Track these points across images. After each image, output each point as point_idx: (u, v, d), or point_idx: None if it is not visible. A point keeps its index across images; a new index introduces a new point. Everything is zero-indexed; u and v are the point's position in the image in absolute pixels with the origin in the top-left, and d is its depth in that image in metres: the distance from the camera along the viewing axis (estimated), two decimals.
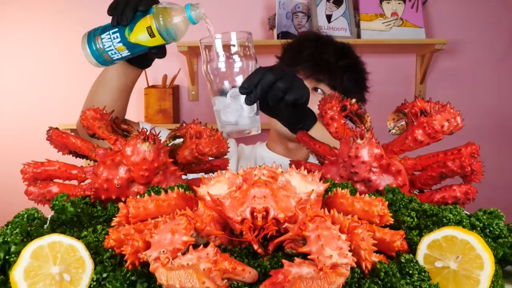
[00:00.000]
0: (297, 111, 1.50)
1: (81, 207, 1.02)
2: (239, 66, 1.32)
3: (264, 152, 2.22)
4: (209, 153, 1.13)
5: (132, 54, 1.44)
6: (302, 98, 1.37)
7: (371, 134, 1.07)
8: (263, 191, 0.82)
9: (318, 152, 1.25)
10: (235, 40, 1.32)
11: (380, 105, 2.66)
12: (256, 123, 1.37)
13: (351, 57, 2.20)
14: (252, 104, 1.32)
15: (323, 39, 2.23)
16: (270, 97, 1.34)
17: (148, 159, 1.07)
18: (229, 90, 1.33)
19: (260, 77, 1.31)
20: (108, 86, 1.75)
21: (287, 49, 2.27)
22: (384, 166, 1.07)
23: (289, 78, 1.36)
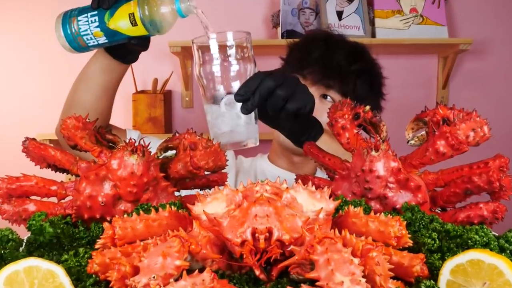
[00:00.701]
0: (300, 122, 1.50)
1: (61, 227, 1.02)
2: (235, 70, 1.32)
3: (266, 165, 2.22)
4: (205, 167, 1.13)
5: (110, 43, 1.43)
6: (305, 107, 1.38)
7: (387, 145, 1.07)
8: (265, 209, 0.83)
9: (327, 165, 1.25)
10: (231, 40, 1.32)
11: (398, 113, 2.66)
12: (254, 134, 1.37)
13: (366, 59, 2.19)
14: (249, 113, 1.32)
15: (334, 38, 2.22)
16: (270, 106, 1.34)
17: (137, 174, 1.07)
18: (224, 96, 1.33)
19: (258, 83, 1.31)
20: (90, 83, 1.76)
21: (293, 49, 2.26)
22: (402, 182, 1.07)
23: (291, 85, 1.36)
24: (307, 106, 1.38)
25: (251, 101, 1.31)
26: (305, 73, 2.09)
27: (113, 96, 1.83)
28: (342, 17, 3.64)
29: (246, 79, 1.33)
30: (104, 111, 1.82)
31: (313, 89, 2.07)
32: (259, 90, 1.31)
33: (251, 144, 1.37)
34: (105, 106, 1.81)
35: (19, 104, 3.79)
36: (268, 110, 1.36)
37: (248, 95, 1.31)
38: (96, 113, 1.79)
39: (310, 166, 2.10)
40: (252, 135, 1.37)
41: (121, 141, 1.28)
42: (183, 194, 1.22)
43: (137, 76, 3.59)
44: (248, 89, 1.31)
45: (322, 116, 1.83)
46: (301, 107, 1.36)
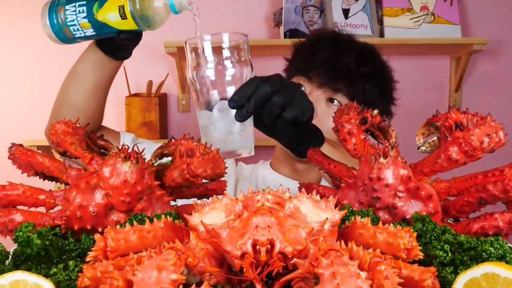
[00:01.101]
0: (299, 131, 1.49)
1: (50, 239, 1.03)
2: (231, 74, 1.32)
3: (268, 173, 2.22)
4: (202, 175, 1.13)
5: (98, 35, 1.44)
6: (303, 115, 1.37)
7: (396, 151, 1.07)
8: (267, 220, 0.83)
9: (333, 173, 1.25)
10: (227, 42, 1.31)
11: (407, 117, 2.66)
12: (248, 143, 1.37)
13: (376, 62, 2.19)
14: (243, 120, 1.32)
15: (342, 39, 2.21)
16: (265, 113, 1.34)
17: (130, 182, 1.07)
18: (217, 102, 1.33)
19: (254, 89, 1.31)
20: (80, 82, 1.76)
21: (299, 50, 2.26)
22: (412, 190, 1.07)
23: (289, 91, 1.36)
24: (305, 114, 1.38)
25: (246, 108, 1.30)
26: (310, 75, 2.09)
27: (105, 96, 1.84)
28: (348, 15, 3.64)
29: (241, 84, 1.33)
30: (95, 111, 1.82)
31: (319, 92, 2.08)
32: (255, 96, 1.30)
33: (245, 154, 1.36)
34: (96, 106, 1.81)
35: (5, 108, 3.79)
36: (264, 118, 1.35)
37: (243, 102, 1.30)
38: (87, 113, 1.80)
39: (314, 174, 2.09)
40: (246, 144, 1.36)
41: (114, 147, 1.28)
42: (179, 204, 1.22)
43: (130, 78, 3.60)
44: (243, 95, 1.30)
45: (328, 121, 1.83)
46: (299, 115, 1.36)
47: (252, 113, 1.31)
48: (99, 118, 1.87)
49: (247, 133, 1.36)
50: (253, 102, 1.30)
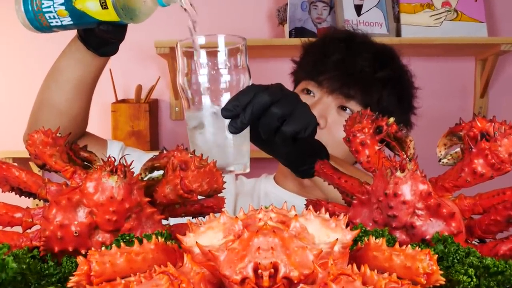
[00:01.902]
0: (299, 148, 1.47)
1: (27, 262, 1.03)
2: (226, 80, 1.32)
3: (271, 188, 2.22)
4: (198, 190, 1.13)
5: (76, 25, 1.44)
6: (304, 130, 1.36)
7: (415, 164, 1.07)
8: (270, 241, 0.83)
9: (344, 188, 1.25)
10: (223, 45, 1.31)
11: (427, 126, 2.66)
12: (242, 159, 1.36)
13: (395, 66, 2.19)
14: (237, 132, 1.32)
15: (357, 39, 2.22)
16: (262, 126, 1.34)
17: (117, 198, 1.07)
18: (209, 111, 1.32)
19: (251, 98, 1.30)
20: (61, 80, 1.77)
21: (308, 51, 2.27)
22: (432, 208, 1.07)
23: (289, 102, 1.35)
24: (307, 130, 1.37)
25: (240, 118, 1.30)
26: (321, 80, 2.09)
27: (89, 97, 1.84)
28: (361, 12, 3.65)
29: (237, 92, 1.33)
30: (79, 114, 1.83)
31: (330, 99, 2.08)
32: (251, 105, 1.30)
33: (238, 170, 1.35)
34: (80, 108, 1.82)
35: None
36: (261, 132, 1.35)
37: (238, 111, 1.30)
38: (69, 116, 1.81)
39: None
40: (240, 159, 1.35)
41: (98, 160, 1.28)
42: (172, 223, 1.22)
43: (117, 82, 3.60)
44: (238, 104, 1.30)
45: (338, 131, 1.83)
46: (299, 130, 1.35)
47: (247, 124, 1.31)
48: (83, 122, 1.88)
49: (242, 147, 1.35)
50: (249, 112, 1.29)
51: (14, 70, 3.76)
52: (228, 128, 1.31)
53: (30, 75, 3.48)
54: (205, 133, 1.34)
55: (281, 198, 2.08)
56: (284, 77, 2.36)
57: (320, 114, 2.04)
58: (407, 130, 2.12)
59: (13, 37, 3.70)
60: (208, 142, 1.34)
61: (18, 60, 3.74)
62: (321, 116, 2.05)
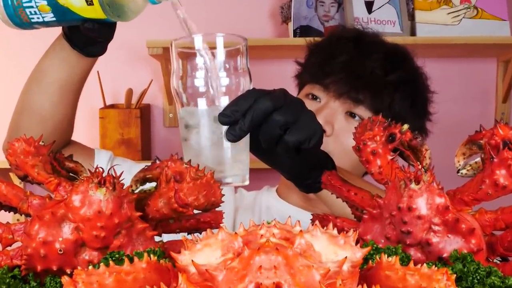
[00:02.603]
0: (303, 159, 1.47)
1: (7, 282, 1.03)
2: (225, 84, 1.32)
3: (274, 201, 2.22)
4: (194, 204, 1.13)
5: (59, 22, 1.44)
6: (309, 140, 1.36)
7: (431, 175, 1.08)
8: (273, 259, 0.83)
9: (353, 202, 1.25)
10: (222, 46, 1.31)
11: (444, 134, 2.67)
12: (241, 170, 1.35)
13: (408, 67, 2.19)
14: (236, 140, 1.31)
15: (367, 39, 2.22)
16: (263, 135, 1.34)
17: (105, 213, 1.07)
18: (206, 117, 1.32)
19: (251, 103, 1.30)
20: (45, 82, 1.78)
21: (314, 51, 2.26)
22: (450, 223, 1.07)
23: (293, 109, 1.35)
24: (311, 140, 1.36)
25: (239, 125, 1.29)
26: (327, 83, 2.09)
27: (75, 102, 1.85)
28: (372, 9, 3.66)
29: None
30: (63, 120, 1.83)
31: (337, 104, 2.08)
32: (252, 111, 1.29)
33: (236, 182, 1.35)
34: (64, 113, 1.82)
35: None
36: (262, 141, 1.35)
37: (237, 117, 1.29)
38: (53, 122, 1.81)
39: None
40: (238, 170, 1.35)
41: (85, 171, 1.29)
42: (165, 240, 1.23)
43: (105, 86, 3.61)
44: (238, 109, 1.29)
45: (347, 138, 1.83)
46: (303, 140, 1.34)
47: (247, 131, 1.30)
48: (68, 129, 1.88)
49: (241, 157, 1.35)
50: (249, 118, 1.29)
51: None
52: (226, 136, 1.30)
53: (10, 77, 3.48)
54: (200, 141, 1.33)
55: (285, 213, 2.08)
56: (288, 80, 2.37)
57: (326, 120, 2.04)
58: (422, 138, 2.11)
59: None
60: (204, 151, 1.33)
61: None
62: (327, 122, 2.04)
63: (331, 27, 3.57)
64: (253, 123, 1.29)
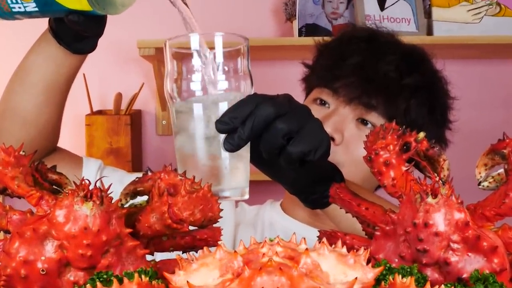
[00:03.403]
0: (308, 172, 1.45)
1: None
2: (224, 88, 1.31)
3: (278, 216, 2.22)
4: (189, 220, 1.13)
5: (42, 13, 1.45)
6: (314, 152, 1.34)
7: (449, 188, 1.08)
8: (276, 280, 0.83)
9: (364, 217, 1.25)
10: (220, 46, 1.31)
11: (465, 143, 2.67)
12: (240, 182, 1.34)
13: (426, 70, 2.19)
14: (234, 150, 1.30)
15: (381, 38, 2.22)
16: (264, 144, 1.32)
17: (92, 229, 1.08)
18: (202, 123, 1.31)
19: (252, 109, 1.29)
20: (29, 82, 1.77)
21: (323, 53, 2.26)
22: (470, 241, 1.07)
23: (298, 117, 1.33)
24: (317, 151, 1.34)
25: (238, 133, 1.28)
26: (336, 87, 2.09)
27: (61, 105, 1.84)
28: (385, 6, 3.66)
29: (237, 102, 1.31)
30: (48, 125, 1.83)
31: (347, 110, 2.08)
32: (252, 118, 1.27)
33: (235, 196, 1.34)
34: (49, 117, 1.82)
35: None
36: (262, 151, 1.33)
37: (236, 124, 1.27)
38: (37, 127, 1.80)
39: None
40: (237, 183, 1.34)
41: (70, 183, 1.29)
42: (158, 259, 1.23)
43: (92, 90, 3.61)
44: (237, 116, 1.28)
45: (358, 148, 1.83)
46: (308, 152, 1.33)
47: (246, 140, 1.29)
48: (54, 134, 1.88)
49: (240, 168, 1.34)
50: (249, 126, 1.27)
51: None
52: (224, 145, 1.29)
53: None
54: (195, 150, 1.33)
55: (289, 229, 2.08)
56: (293, 83, 2.37)
57: (335, 128, 2.04)
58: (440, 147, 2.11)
59: None
60: (200, 162, 1.33)
61: None
62: (337, 129, 2.04)
63: (340, 26, 3.58)
64: (254, 131, 1.28)
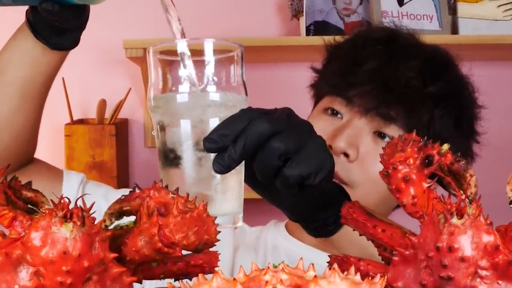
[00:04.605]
0: (309, 197, 1.44)
1: None
2: (214, 101, 1.30)
3: (282, 239, 2.22)
4: (183, 243, 1.13)
5: (15, 2, 1.45)
6: (314, 175, 1.32)
7: (477, 208, 1.08)
8: None
9: (381, 240, 1.25)
10: (211, 54, 1.31)
11: (494, 157, 2.67)
12: (233, 208, 1.34)
13: (452, 77, 2.18)
14: (224, 172, 1.29)
15: (401, 40, 2.22)
16: (258, 165, 1.31)
17: (72, 254, 1.08)
18: (189, 143, 1.31)
19: (244, 125, 1.27)
20: (3, 80, 1.77)
21: (334, 55, 2.26)
22: (501, 267, 1.07)
23: (297, 135, 1.32)
24: (318, 175, 1.32)
25: (229, 152, 1.26)
26: (351, 96, 2.07)
27: (38, 110, 1.84)
28: (404, 1, 3.66)
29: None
30: (24, 131, 1.82)
31: (362, 122, 2.06)
32: (245, 136, 1.26)
33: (226, 224, 1.33)
34: (25, 122, 1.82)
35: None
36: (256, 172, 1.33)
37: (226, 143, 1.26)
38: (11, 133, 1.80)
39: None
40: (228, 208, 1.34)
41: (47, 201, 1.29)
42: (147, 287, 1.23)
43: (72, 96, 3.61)
44: (227, 133, 1.26)
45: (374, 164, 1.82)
46: (307, 175, 1.31)
47: (238, 161, 1.28)
48: (30, 142, 1.87)
49: (231, 191, 1.34)
50: (241, 144, 1.26)
51: None
52: (213, 166, 1.28)
53: None
54: (182, 171, 1.33)
55: (296, 253, 2.08)
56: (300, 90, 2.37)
57: (349, 142, 2.02)
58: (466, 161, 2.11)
59: None
60: (186, 184, 1.32)
61: None
62: (351, 144, 2.03)
63: (353, 24, 3.58)
64: (246, 150, 1.26)
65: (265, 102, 1.46)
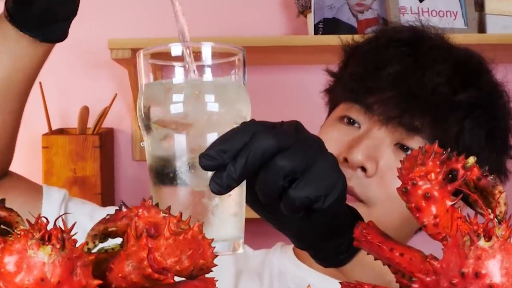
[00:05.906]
0: (318, 222, 1.41)
1: None
2: (212, 112, 1.30)
3: (289, 264, 2.22)
4: (175, 269, 1.13)
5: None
6: (323, 199, 1.29)
7: (507, 228, 1.08)
8: None
9: (398, 265, 1.26)
10: (209, 58, 1.31)
11: None
12: (232, 232, 1.33)
13: (484, 83, 2.17)
14: (222, 192, 1.26)
15: (428, 41, 2.21)
16: (260, 185, 1.29)
17: (51, 281, 1.08)
18: (184, 159, 1.30)
19: (246, 141, 1.25)
20: None
21: (352, 57, 2.25)
22: None
23: (305, 152, 1.29)
24: (327, 198, 1.29)
25: (228, 171, 1.24)
26: (370, 103, 2.06)
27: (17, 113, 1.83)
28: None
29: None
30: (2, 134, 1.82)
31: (383, 133, 2.05)
32: (246, 153, 1.23)
33: (224, 251, 1.30)
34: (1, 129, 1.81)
35: None
36: (259, 193, 1.30)
37: (224, 160, 1.24)
38: None
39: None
40: (227, 233, 1.32)
41: (23, 222, 1.29)
42: None
43: (51, 103, 3.60)
44: (226, 149, 1.24)
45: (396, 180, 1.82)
46: (315, 198, 1.28)
47: (238, 181, 1.25)
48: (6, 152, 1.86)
49: (231, 214, 1.33)
50: (241, 162, 1.23)
51: None
52: (210, 186, 1.25)
53: None
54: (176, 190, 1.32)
55: (304, 280, 2.08)
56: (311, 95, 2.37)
57: (367, 155, 2.01)
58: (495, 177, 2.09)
59: None
60: (180, 205, 1.30)
61: None
62: (369, 157, 2.01)
63: (368, 21, 3.58)
64: (248, 169, 1.24)
65: (269, 109, 1.47)
